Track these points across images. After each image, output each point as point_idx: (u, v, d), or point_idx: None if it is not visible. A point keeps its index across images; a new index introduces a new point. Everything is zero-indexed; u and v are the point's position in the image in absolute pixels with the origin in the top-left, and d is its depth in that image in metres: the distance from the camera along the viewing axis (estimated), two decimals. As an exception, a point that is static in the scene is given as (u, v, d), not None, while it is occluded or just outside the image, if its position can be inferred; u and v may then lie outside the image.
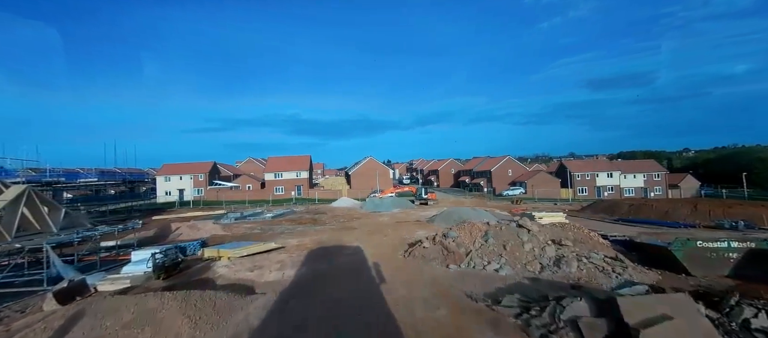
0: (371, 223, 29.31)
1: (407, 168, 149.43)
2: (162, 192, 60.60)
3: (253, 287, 10.49)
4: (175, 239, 22.85)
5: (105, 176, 36.70)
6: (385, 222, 29.71)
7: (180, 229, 24.61)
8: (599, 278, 9.48)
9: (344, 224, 29.34)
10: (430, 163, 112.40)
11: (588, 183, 63.04)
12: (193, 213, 43.26)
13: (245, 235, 23.71)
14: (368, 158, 66.87)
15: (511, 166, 69.79)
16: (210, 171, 63.36)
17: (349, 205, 47.30)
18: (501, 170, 69.16)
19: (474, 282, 9.55)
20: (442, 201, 50.39)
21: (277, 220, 33.45)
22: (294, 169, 63.72)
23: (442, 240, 13.04)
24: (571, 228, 13.79)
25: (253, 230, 26.27)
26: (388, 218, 33.48)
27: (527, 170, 70.53)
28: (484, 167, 75.10)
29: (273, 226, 28.63)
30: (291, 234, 23.48)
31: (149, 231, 25.85)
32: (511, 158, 70.03)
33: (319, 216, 35.61)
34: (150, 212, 45.31)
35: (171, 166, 62.76)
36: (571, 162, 67.24)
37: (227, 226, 27.51)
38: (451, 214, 27.68)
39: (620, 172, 63.17)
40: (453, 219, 26.78)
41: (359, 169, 66.32)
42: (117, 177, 38.36)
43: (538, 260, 10.72)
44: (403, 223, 28.35)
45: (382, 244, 17.55)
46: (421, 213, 37.70)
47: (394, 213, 38.71)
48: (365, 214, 37.63)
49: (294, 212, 41.41)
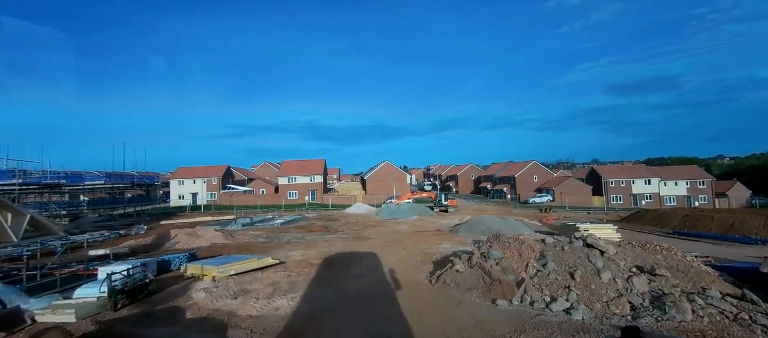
0: (387, 232, 26.40)
1: (424, 173, 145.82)
2: (175, 195, 59.70)
3: (227, 324, 7.73)
4: (171, 248, 20.62)
5: (113, 179, 35.38)
6: (402, 231, 26.74)
7: (178, 236, 22.38)
8: (735, 333, 6.22)
9: (358, 233, 26.54)
10: (449, 169, 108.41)
11: (623, 190, 57.91)
12: (203, 217, 41.54)
13: (248, 244, 21.26)
14: (384, 162, 64.11)
15: (536, 172, 65.34)
16: (223, 175, 62.14)
17: (363, 212, 44.52)
18: (526, 176, 64.83)
19: (540, 333, 6.47)
20: (464, 209, 46.89)
21: (286, 227, 31.02)
22: (308, 173, 61.65)
23: (481, 263, 9.96)
24: (655, 250, 10.40)
25: (257, 238, 23.83)
26: (406, 226, 30.48)
27: (554, 176, 65.87)
28: (507, 172, 70.85)
29: (281, 234, 26.15)
30: (298, 244, 20.84)
31: (148, 238, 23.80)
32: (536, 163, 65.60)
33: (331, 224, 32.98)
34: (161, 216, 43.96)
35: (185, 169, 61.93)
36: (604, 167, 62.19)
37: (231, 233, 25.20)
38: (477, 224, 24.40)
39: (659, 179, 57.73)
40: (480, 229, 23.52)
41: (375, 173, 63.61)
42: (126, 180, 36.99)
43: (626, 297, 7.53)
44: (423, 233, 25.28)
45: (401, 260, 14.59)
46: (441, 221, 34.49)
47: (412, 220, 35.65)
48: (381, 222, 34.74)
49: (305, 218, 38.98)
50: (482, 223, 24.24)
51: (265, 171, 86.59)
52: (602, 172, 59.65)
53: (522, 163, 68.66)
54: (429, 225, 30.92)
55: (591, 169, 63.51)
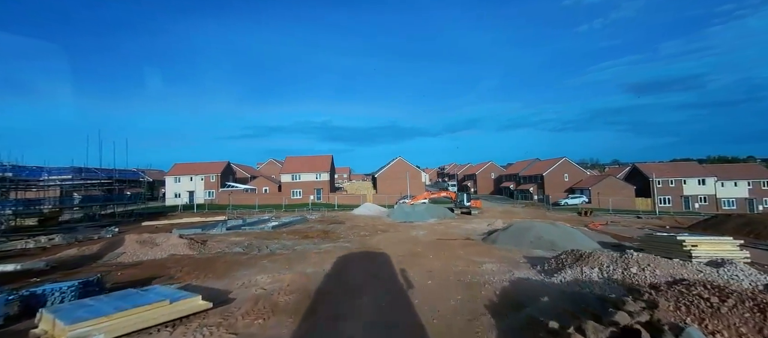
0: (402, 240, 20.57)
1: (438, 173, 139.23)
2: (171, 194, 55.40)
3: None
4: (110, 262, 15.35)
5: (84, 175, 30.68)
6: (421, 240, 20.86)
7: (126, 245, 17.10)
8: None
9: (364, 240, 20.81)
10: (465, 168, 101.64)
11: (672, 191, 50.41)
12: (190, 218, 36.63)
13: (215, 258, 15.82)
14: (397, 159, 58.29)
15: (567, 170, 58.33)
16: (222, 172, 57.50)
17: (373, 213, 38.79)
18: (555, 175, 57.93)
19: None
20: (488, 211, 40.61)
21: (278, 231, 25.58)
22: (313, 170, 56.39)
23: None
24: None
25: (234, 247, 18.38)
26: (424, 232, 24.59)
27: (588, 175, 58.70)
28: (533, 171, 63.99)
29: (268, 241, 20.68)
30: (280, 258, 15.25)
31: (96, 246, 18.62)
32: (568, 160, 58.56)
33: (333, 228, 27.38)
34: (150, 216, 39.39)
35: (181, 165, 57.60)
36: (650, 165, 54.60)
37: (203, 241, 19.83)
38: (522, 232, 18.28)
39: (716, 179, 49.97)
40: (527, 239, 17.44)
41: (387, 171, 57.84)
42: (101, 175, 32.27)
43: None
44: (449, 242, 19.36)
45: (429, 297, 8.80)
46: (466, 226, 28.42)
47: (429, 224, 29.71)
48: (393, 225, 28.94)
49: (306, 220, 33.55)
50: (529, 231, 18.13)
51: (271, 169, 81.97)
52: (647, 171, 52.21)
53: (551, 160, 61.69)
54: (452, 231, 24.94)
55: (632, 167, 56.03)
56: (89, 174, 30.90)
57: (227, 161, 60.48)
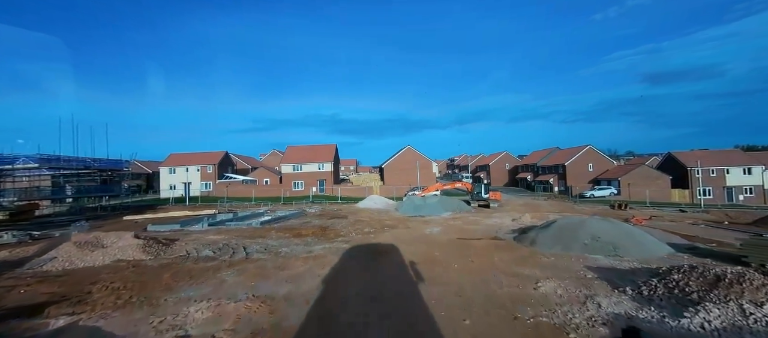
0: (413, 239, 16.55)
1: (447, 164, 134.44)
2: (166, 185, 52.18)
3: None
4: (28, 272, 11.66)
5: (54, 163, 27.23)
6: (437, 239, 16.78)
7: (58, 250, 13.40)
8: None
9: (368, 239, 16.84)
10: (477, 158, 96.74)
11: (713, 181, 45.15)
12: (178, 212, 33.17)
13: (173, 263, 12.09)
14: (406, 148, 54.00)
15: (592, 159, 53.26)
16: (220, 162, 54.05)
17: (379, 206, 34.82)
18: (579, 164, 52.95)
19: None
20: (508, 204, 36.29)
21: (267, 228, 21.79)
22: (316, 160, 52.52)
23: None
24: None
25: (205, 249, 14.58)
26: (440, 229, 20.48)
27: (615, 164, 53.58)
28: (553, 161, 59.04)
29: (249, 241, 16.90)
30: (252, 267, 11.41)
31: (33, 247, 15.04)
32: (593, 148, 53.41)
33: (333, 223, 23.51)
34: (135, 209, 36.12)
35: (177, 156, 54.35)
36: (687, 153, 49.21)
37: (170, 241, 16.09)
38: (571, 231, 14.05)
39: (764, 168, 44.49)
40: (579, 241, 13.22)
41: (395, 161, 53.65)
42: (75, 165, 28.83)
43: None
44: (473, 244, 15.28)
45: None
46: (487, 220, 24.21)
47: (444, 219, 25.58)
48: (401, 220, 24.91)
49: (304, 214, 29.75)
50: (580, 230, 13.88)
51: (273, 161, 78.56)
52: (685, 159, 46.90)
53: (574, 148, 56.66)
54: (473, 228, 20.77)
55: (667, 156, 50.64)
56: (61, 163, 27.41)
57: (225, 151, 57.02)
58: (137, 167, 67.76)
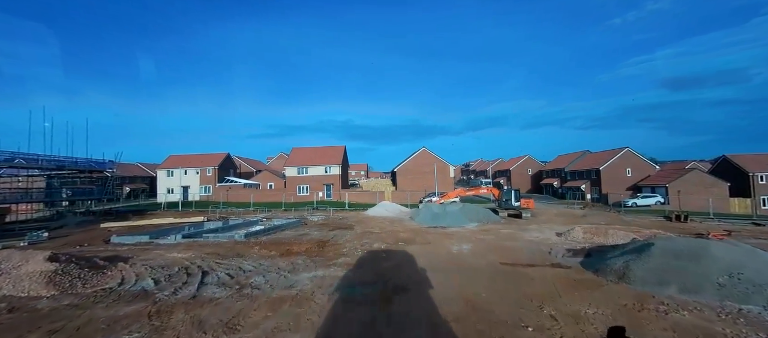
0: (440, 262, 11.81)
1: (462, 169, 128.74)
2: (164, 189, 48.89)
3: None
4: None
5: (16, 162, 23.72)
6: (469, 261, 12.02)
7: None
8: None
9: (376, 259, 12.24)
10: (495, 163, 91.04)
11: (780, 189, 38.87)
12: (163, 218, 29.32)
13: (76, 308, 7.83)
14: (421, 150, 49.38)
15: (631, 163, 47.41)
16: (221, 164, 50.52)
17: (391, 214, 30.25)
18: (615, 169, 47.20)
19: None
20: (543, 214, 31.18)
21: (254, 241, 17.49)
22: (322, 162, 48.42)
23: None
24: None
25: (144, 278, 10.32)
26: (470, 246, 15.69)
27: (657, 169, 47.52)
28: (584, 165, 53.33)
29: (220, 263, 12.60)
30: (184, 322, 6.99)
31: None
32: (632, 151, 47.59)
33: (336, 235, 19.06)
34: (119, 215, 32.57)
35: (176, 158, 51.09)
36: (748, 157, 42.70)
37: (105, 264, 11.90)
38: (689, 261, 9.22)
39: (842, 173, 38.00)
40: (711, 278, 8.19)
41: (408, 164, 49.03)
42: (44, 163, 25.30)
43: None
44: (525, 270, 10.49)
45: None
46: (524, 234, 19.26)
47: (470, 231, 20.74)
48: (418, 231, 20.22)
49: (303, 224, 25.44)
50: (705, 261, 9.04)
51: (280, 164, 74.98)
52: (744, 163, 40.72)
53: (608, 151, 50.92)
54: (512, 245, 15.91)
55: (722, 160, 44.39)
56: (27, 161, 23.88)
57: (227, 153, 53.54)
58: (141, 170, 65.08)
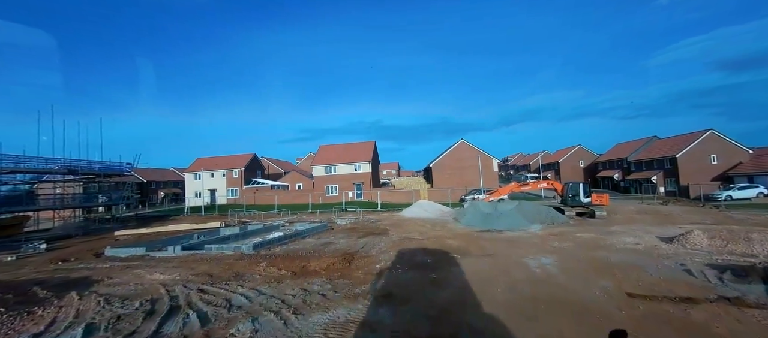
0: (526, 292, 6.80)
1: (500, 165, 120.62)
2: (192, 192, 47.72)
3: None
4: None
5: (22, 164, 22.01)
6: (567, 287, 6.79)
7: None
8: None
9: (422, 282, 7.80)
10: (540, 155, 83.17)
11: None
12: (178, 225, 26.96)
13: None
14: (460, 142, 44.40)
15: (715, 148, 39.37)
16: (247, 166, 48.58)
17: (431, 215, 25.83)
18: (695, 156, 39.41)
19: None
20: (618, 212, 25.38)
21: (260, 256, 13.88)
22: (351, 159, 44.88)
23: None
24: None
25: (76, 327, 6.70)
26: (551, 259, 10.85)
27: (750, 153, 39.04)
28: (652, 153, 45.57)
29: (206, 292, 9.05)
30: None
31: None
32: (716, 133, 39.51)
33: (367, 244, 15.05)
34: (140, 221, 30.97)
35: (203, 160, 49.86)
36: None
37: (53, 294, 8.65)
38: None
39: None
40: None
41: (445, 158, 44.24)
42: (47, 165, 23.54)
43: None
44: (689, 308, 5.75)
45: None
46: (612, 238, 13.84)
47: (536, 236, 15.78)
48: (468, 236, 15.63)
49: (330, 227, 21.74)
50: None
51: (309, 165, 72.81)
52: None
53: (686, 135, 43.03)
54: (605, 257, 10.91)
55: None
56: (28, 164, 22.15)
57: (253, 154, 51.66)
58: (174, 175, 65.37)
